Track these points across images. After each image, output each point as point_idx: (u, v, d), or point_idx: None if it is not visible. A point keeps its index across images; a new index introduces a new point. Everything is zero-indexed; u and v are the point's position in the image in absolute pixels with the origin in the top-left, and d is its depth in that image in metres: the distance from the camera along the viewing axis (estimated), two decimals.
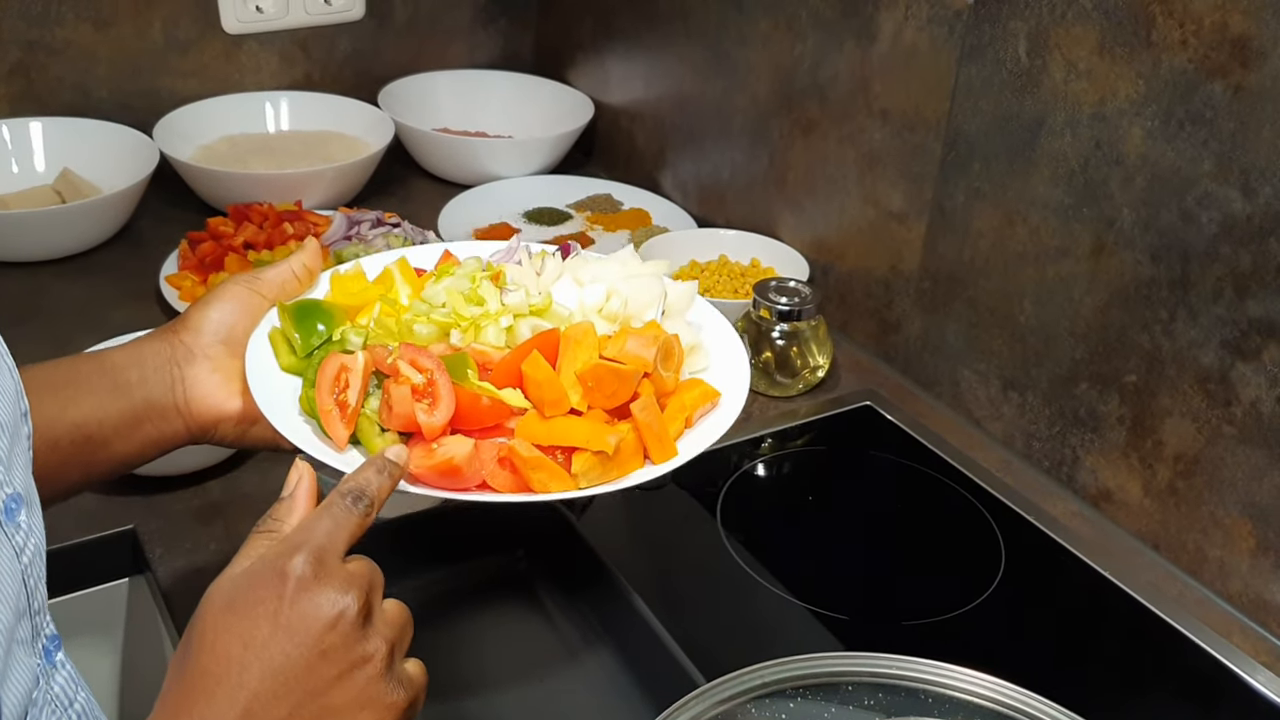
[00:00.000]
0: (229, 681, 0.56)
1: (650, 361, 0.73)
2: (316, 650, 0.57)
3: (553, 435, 0.69)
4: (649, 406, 0.72)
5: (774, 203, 1.33)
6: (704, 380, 0.77)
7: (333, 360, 0.72)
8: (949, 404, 1.17)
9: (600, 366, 0.72)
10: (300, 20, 1.57)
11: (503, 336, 0.75)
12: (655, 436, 0.71)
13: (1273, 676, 0.88)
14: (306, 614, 0.57)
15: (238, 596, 0.57)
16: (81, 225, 1.33)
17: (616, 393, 0.72)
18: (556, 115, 1.60)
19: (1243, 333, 0.89)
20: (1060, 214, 1.01)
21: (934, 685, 0.75)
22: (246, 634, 0.56)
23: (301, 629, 0.57)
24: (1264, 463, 0.90)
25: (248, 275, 0.78)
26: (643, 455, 0.72)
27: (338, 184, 1.42)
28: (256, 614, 0.57)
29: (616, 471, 0.70)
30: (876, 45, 1.15)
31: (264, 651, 0.56)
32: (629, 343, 0.74)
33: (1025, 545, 0.99)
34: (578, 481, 0.69)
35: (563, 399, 0.71)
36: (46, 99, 1.47)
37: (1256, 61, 0.85)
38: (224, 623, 0.57)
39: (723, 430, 0.74)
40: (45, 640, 0.62)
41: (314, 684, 0.57)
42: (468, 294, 0.77)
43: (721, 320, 0.83)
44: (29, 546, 0.59)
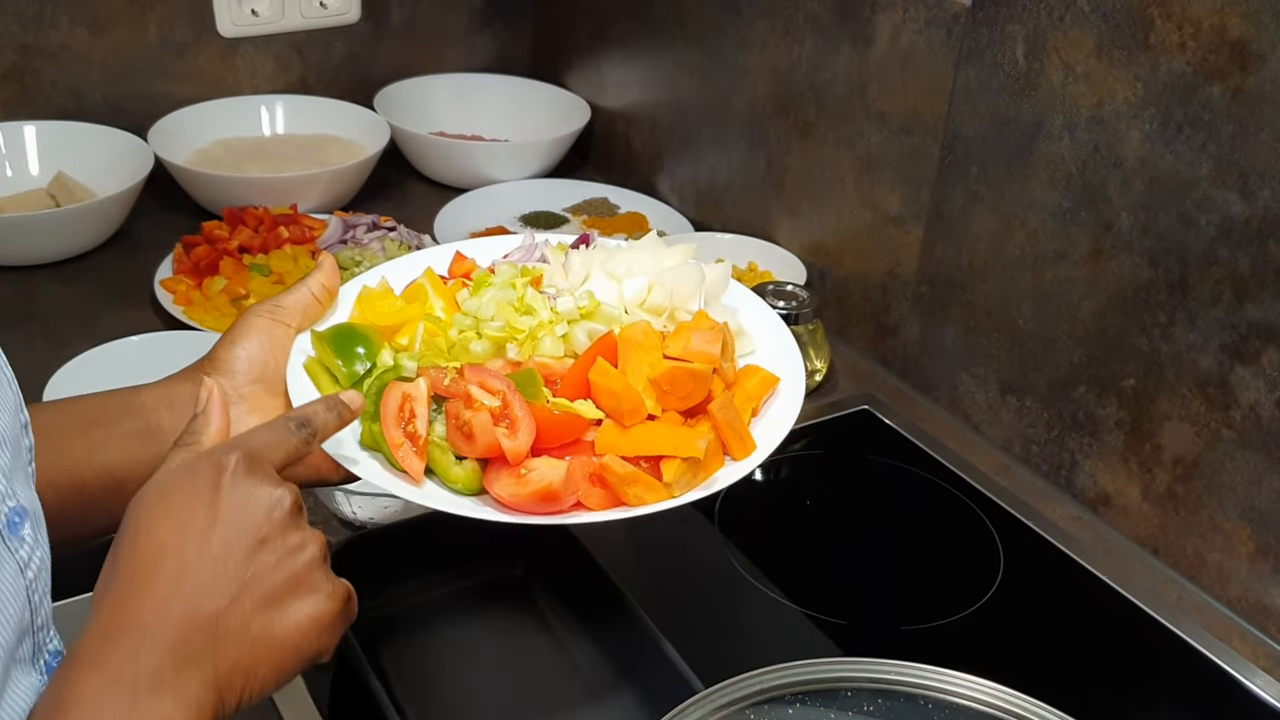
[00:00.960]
0: (167, 570, 0.55)
1: (717, 357, 0.71)
2: (254, 537, 0.56)
3: (637, 445, 0.68)
4: (727, 405, 0.70)
5: (771, 206, 1.33)
6: (760, 366, 0.76)
7: (394, 390, 0.70)
8: (947, 408, 1.16)
9: (676, 369, 0.70)
10: (296, 24, 1.57)
11: (560, 346, 0.73)
12: (735, 433, 0.70)
13: (1272, 681, 0.87)
14: (243, 502, 0.57)
15: (172, 488, 0.57)
16: (76, 229, 1.33)
17: (692, 393, 0.70)
18: (553, 119, 1.60)
19: (1242, 336, 0.89)
20: (1058, 217, 1.01)
21: (933, 690, 0.75)
22: (183, 523, 0.56)
23: (238, 515, 0.56)
24: (1263, 467, 0.90)
25: (268, 305, 0.75)
26: (722, 454, 0.70)
27: (333, 188, 1.42)
28: (193, 504, 0.56)
29: (704, 474, 0.69)
30: (874, 48, 1.15)
31: (202, 539, 0.55)
32: (693, 340, 0.72)
33: (1024, 550, 0.99)
34: (671, 490, 0.67)
35: (640, 406, 0.69)
36: (41, 102, 1.46)
37: (1255, 64, 0.84)
38: (159, 514, 0.56)
39: (795, 414, 0.73)
40: (48, 656, 0.61)
41: (254, 570, 0.56)
42: (517, 304, 0.74)
43: (755, 299, 0.81)
44: (34, 561, 0.58)
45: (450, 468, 0.69)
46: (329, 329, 0.75)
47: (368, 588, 0.87)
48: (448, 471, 0.69)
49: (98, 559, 0.95)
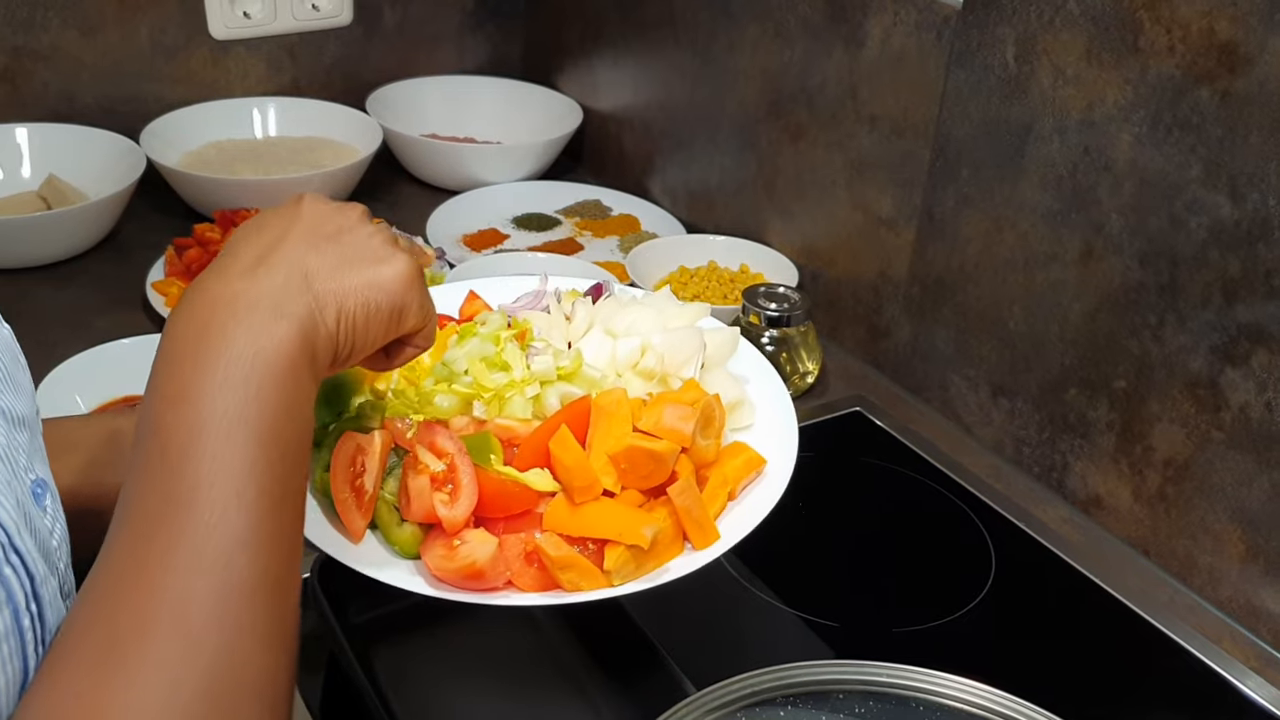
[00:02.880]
0: (258, 248, 0.60)
1: (689, 435, 0.67)
2: (336, 220, 0.62)
3: (584, 525, 0.65)
4: (687, 490, 0.66)
5: (763, 208, 1.33)
6: (748, 445, 0.71)
7: (348, 441, 0.68)
8: (939, 410, 1.17)
9: (634, 449, 0.66)
10: (288, 26, 1.57)
11: (529, 408, 0.70)
12: (695, 521, 0.66)
13: (1263, 682, 0.88)
14: (317, 203, 0.63)
15: (250, 223, 0.62)
16: (67, 232, 1.32)
17: (653, 474, 0.67)
18: (545, 121, 1.60)
19: (1231, 338, 0.90)
20: (1049, 220, 1.01)
21: (925, 693, 0.75)
22: (271, 221, 0.61)
23: (318, 207, 0.62)
24: (1253, 468, 0.90)
25: None
26: (682, 540, 0.66)
27: (326, 190, 1.42)
28: (273, 217, 0.62)
29: (654, 563, 0.65)
30: (865, 51, 1.15)
31: (291, 223, 0.61)
32: (665, 414, 0.68)
33: (1015, 551, 0.99)
34: (611, 579, 0.64)
35: (594, 484, 0.66)
36: (32, 105, 1.46)
37: (1243, 67, 0.85)
38: (246, 232, 0.61)
39: (770, 506, 0.68)
40: None
41: (341, 234, 0.61)
42: (491, 359, 0.71)
43: (768, 370, 0.77)
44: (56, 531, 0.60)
45: (393, 527, 0.67)
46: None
47: (360, 593, 0.87)
48: (390, 530, 0.67)
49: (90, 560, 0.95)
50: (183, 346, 0.55)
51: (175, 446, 0.52)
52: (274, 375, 0.55)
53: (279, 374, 0.55)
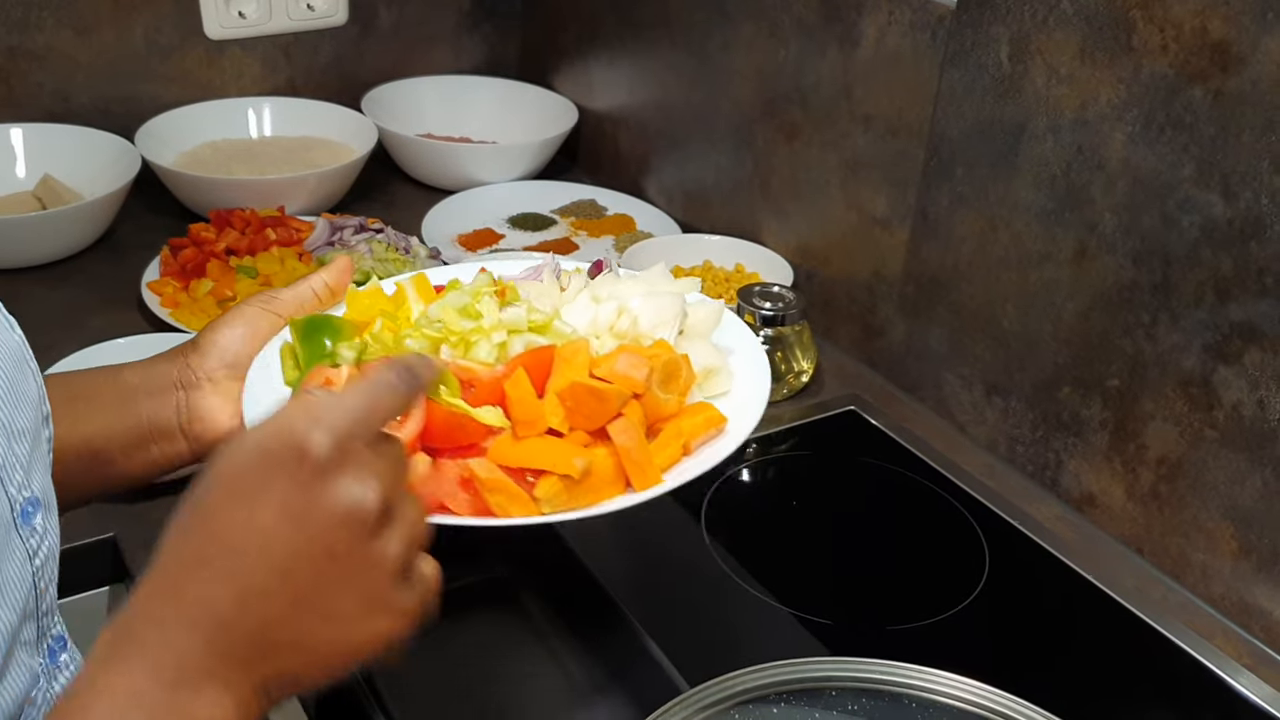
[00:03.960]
0: (224, 567, 0.51)
1: (640, 382, 0.68)
2: (324, 548, 0.51)
3: (522, 456, 0.65)
4: (629, 429, 0.67)
5: (758, 208, 1.33)
6: (714, 406, 0.72)
7: (317, 373, 0.69)
8: (933, 409, 1.17)
9: (579, 385, 0.67)
10: (283, 26, 1.57)
11: (494, 353, 0.71)
12: (635, 462, 0.66)
13: (1256, 679, 0.88)
14: (318, 505, 0.51)
15: (248, 471, 0.52)
16: (62, 232, 1.32)
17: (595, 414, 0.67)
18: (540, 121, 1.60)
19: (1224, 336, 0.90)
20: (1042, 219, 1.01)
21: (918, 690, 0.75)
22: (249, 519, 0.51)
23: (310, 522, 0.51)
24: (1246, 466, 0.90)
25: (265, 295, 0.75)
26: (623, 481, 0.67)
27: (321, 190, 1.42)
28: (265, 498, 0.51)
29: (589, 497, 0.66)
30: (859, 51, 1.15)
31: (267, 541, 0.51)
32: (620, 361, 0.69)
33: (1009, 549, 0.99)
34: (540, 507, 0.64)
35: (539, 418, 0.67)
36: (27, 104, 1.46)
37: (1236, 66, 0.85)
38: (229, 500, 0.52)
39: (718, 459, 0.69)
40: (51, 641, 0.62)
41: (318, 584, 0.51)
42: (464, 308, 0.73)
43: (754, 343, 0.78)
44: (43, 549, 0.60)
45: None
46: (306, 317, 0.74)
47: None
48: None
49: (103, 556, 0.95)
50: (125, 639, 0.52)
51: None
52: None
53: None
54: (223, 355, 0.73)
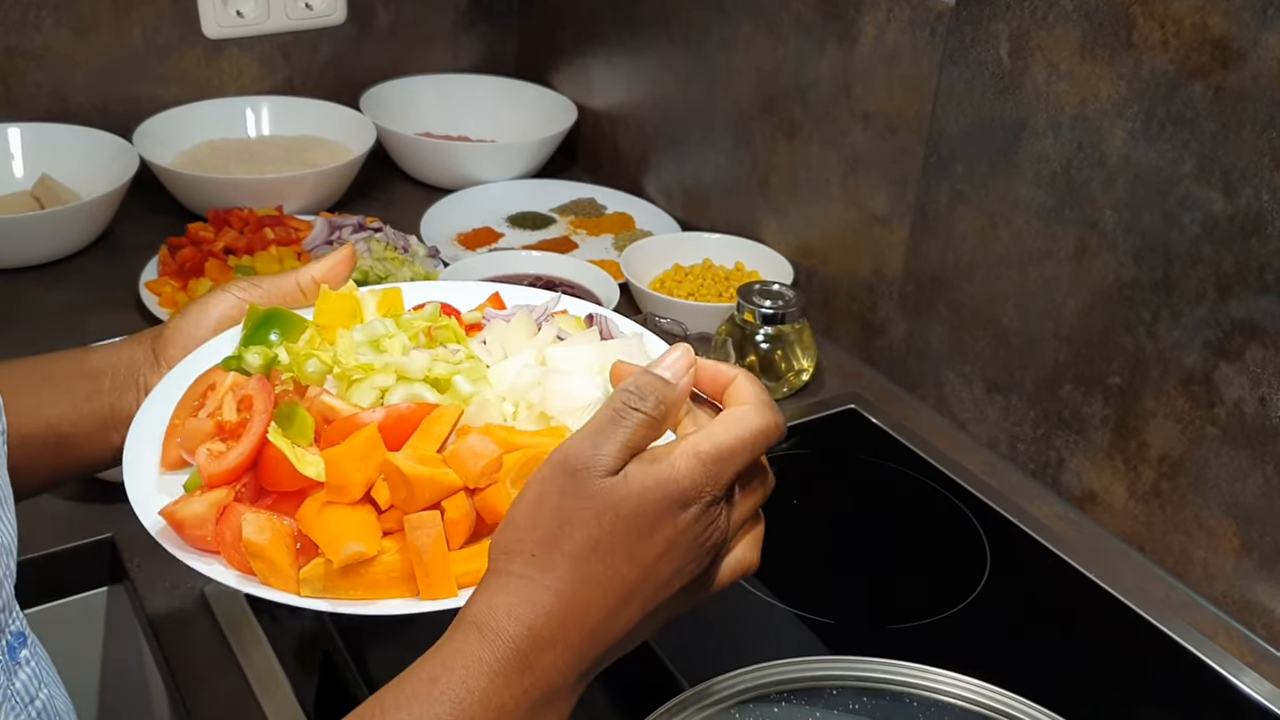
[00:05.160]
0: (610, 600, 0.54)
1: (475, 474, 0.59)
2: (680, 573, 0.56)
3: (312, 524, 0.58)
4: (429, 528, 0.57)
5: (757, 206, 1.33)
6: None
7: (206, 377, 0.66)
8: (933, 407, 1.17)
9: (389, 464, 0.58)
10: (281, 25, 1.57)
11: (370, 397, 0.64)
12: (424, 566, 0.57)
13: (1258, 678, 0.88)
14: (688, 540, 0.56)
15: (637, 512, 0.54)
16: (61, 231, 1.32)
17: (405, 500, 0.59)
18: (539, 119, 1.60)
19: (1225, 333, 0.90)
20: (1043, 216, 1.01)
21: (919, 689, 0.75)
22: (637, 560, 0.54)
23: (679, 554, 0.56)
24: (1247, 463, 0.90)
25: (243, 283, 0.72)
26: (412, 581, 0.58)
27: (319, 189, 1.42)
28: (653, 538, 0.54)
29: (361, 592, 0.58)
30: (858, 48, 1.15)
31: (650, 578, 0.55)
32: (467, 441, 0.60)
33: (1010, 548, 0.99)
34: (299, 588, 0.58)
35: (349, 486, 0.59)
36: (25, 104, 1.46)
37: (1236, 62, 0.85)
38: (623, 543, 0.54)
39: None
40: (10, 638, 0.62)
41: (666, 600, 0.56)
42: (376, 340, 0.67)
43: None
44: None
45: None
46: (265, 309, 0.70)
47: None
48: (194, 470, 0.63)
49: (101, 556, 0.95)
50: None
51: None
52: None
53: None
54: (185, 342, 0.71)
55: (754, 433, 0.57)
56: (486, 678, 0.52)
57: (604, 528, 0.54)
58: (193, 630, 0.87)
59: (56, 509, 0.97)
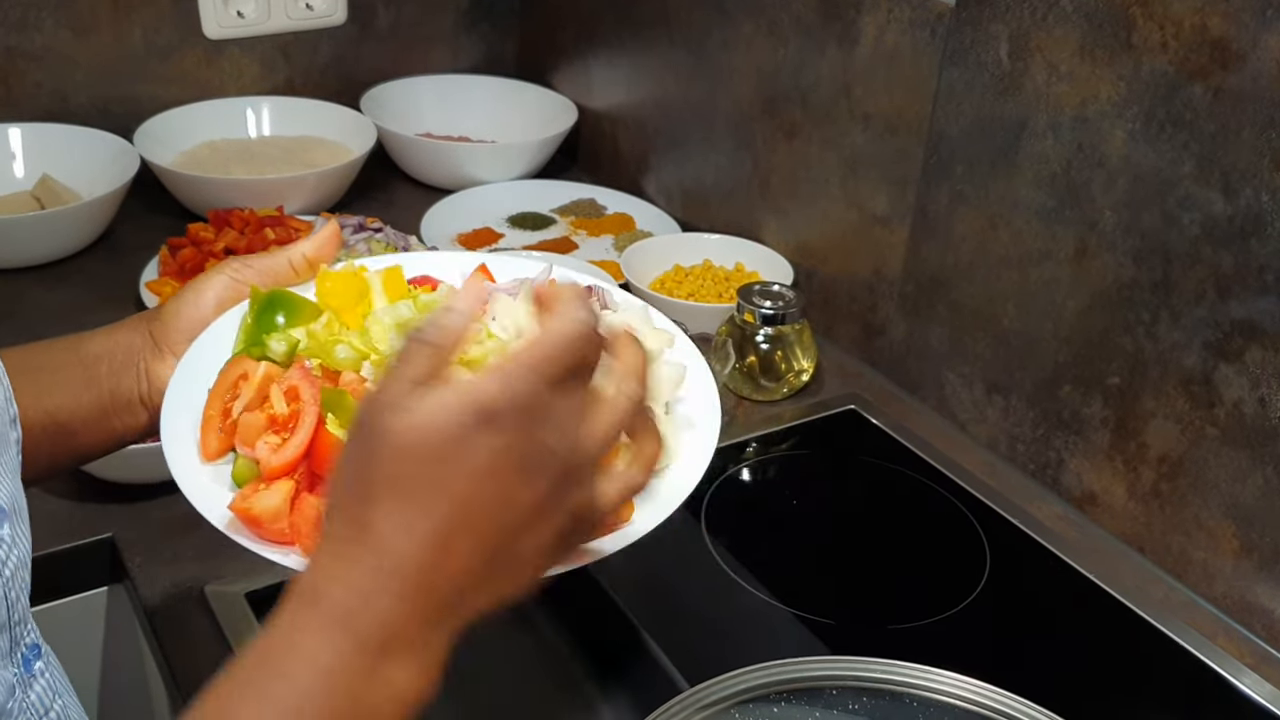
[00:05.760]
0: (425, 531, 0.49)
1: None
2: (513, 501, 0.50)
3: None
4: None
5: (757, 207, 1.33)
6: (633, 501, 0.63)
7: (236, 365, 0.66)
8: (933, 407, 1.17)
9: None
10: (282, 25, 1.57)
11: None
12: None
13: (1258, 679, 0.88)
14: (508, 461, 0.50)
15: (433, 435, 0.49)
16: (61, 231, 1.32)
17: None
18: (540, 120, 1.60)
19: (1225, 334, 0.90)
20: (1042, 217, 1.01)
21: (919, 689, 0.75)
22: (443, 483, 0.49)
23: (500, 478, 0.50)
24: (1247, 464, 0.90)
25: (236, 263, 0.71)
26: None
27: (320, 189, 1.42)
28: (457, 461, 0.49)
29: None
30: (858, 49, 1.15)
31: (463, 503, 0.50)
32: None
33: (1010, 548, 0.99)
34: None
35: None
36: (25, 104, 1.46)
37: (1236, 63, 0.85)
38: (419, 466, 0.49)
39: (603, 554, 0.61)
40: (25, 649, 0.62)
41: (509, 534, 0.51)
42: (405, 323, 0.67)
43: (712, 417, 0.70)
44: (11, 559, 0.59)
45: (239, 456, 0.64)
46: (268, 291, 0.70)
47: None
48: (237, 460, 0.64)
49: (101, 556, 0.95)
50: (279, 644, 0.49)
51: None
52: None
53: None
54: (185, 327, 0.69)
55: (552, 332, 0.51)
56: (314, 638, 0.49)
57: (399, 464, 0.49)
58: (193, 630, 0.87)
59: (56, 509, 0.97)
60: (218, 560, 0.91)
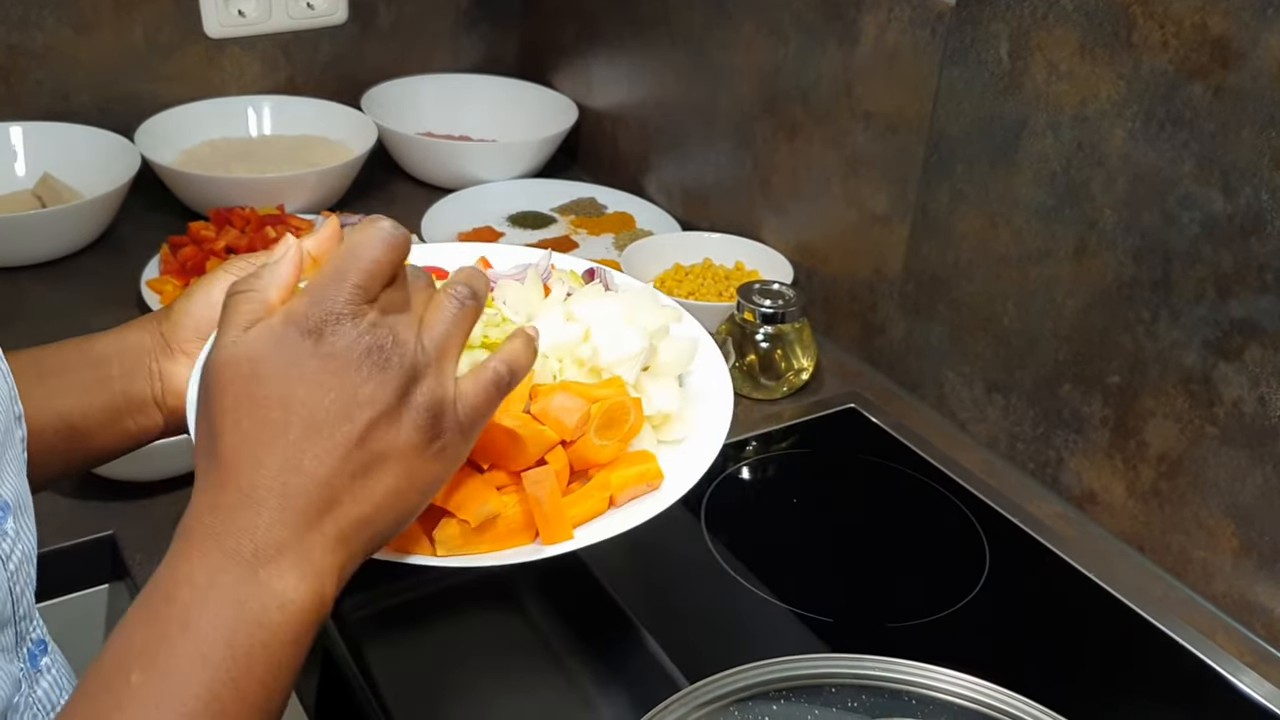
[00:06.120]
0: (266, 440, 0.52)
1: (571, 429, 0.65)
2: (354, 395, 0.52)
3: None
4: (545, 481, 0.63)
5: (758, 206, 1.33)
6: (654, 458, 0.67)
7: None
8: (933, 406, 1.17)
9: (496, 427, 0.63)
10: (283, 24, 1.57)
11: None
12: (545, 516, 0.63)
13: (1258, 678, 0.88)
14: (334, 359, 0.52)
15: (262, 358, 0.53)
16: (62, 230, 1.32)
17: (514, 457, 0.64)
18: (540, 119, 1.60)
19: (1225, 333, 0.90)
20: (1042, 216, 1.01)
21: (918, 687, 0.75)
22: (279, 391, 0.52)
23: (332, 378, 0.52)
24: (1246, 463, 0.90)
25: (241, 261, 0.72)
26: (532, 531, 0.64)
27: (321, 188, 1.42)
28: (286, 370, 0.52)
29: (491, 545, 0.63)
30: (859, 48, 1.15)
31: (302, 405, 0.52)
32: (555, 400, 0.65)
33: (1009, 547, 0.99)
34: (434, 549, 0.63)
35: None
36: (27, 103, 1.46)
37: (1236, 62, 0.85)
38: (251, 382, 0.52)
39: (641, 520, 0.64)
40: (31, 645, 0.62)
41: (359, 431, 0.52)
42: None
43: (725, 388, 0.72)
44: (16, 553, 0.59)
45: None
46: None
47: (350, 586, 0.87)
48: None
49: (102, 555, 0.95)
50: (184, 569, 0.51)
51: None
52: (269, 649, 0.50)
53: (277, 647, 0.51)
54: (196, 326, 0.71)
55: (351, 243, 0.54)
56: (191, 562, 0.51)
57: (239, 386, 0.52)
58: None
59: (56, 507, 0.97)
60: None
